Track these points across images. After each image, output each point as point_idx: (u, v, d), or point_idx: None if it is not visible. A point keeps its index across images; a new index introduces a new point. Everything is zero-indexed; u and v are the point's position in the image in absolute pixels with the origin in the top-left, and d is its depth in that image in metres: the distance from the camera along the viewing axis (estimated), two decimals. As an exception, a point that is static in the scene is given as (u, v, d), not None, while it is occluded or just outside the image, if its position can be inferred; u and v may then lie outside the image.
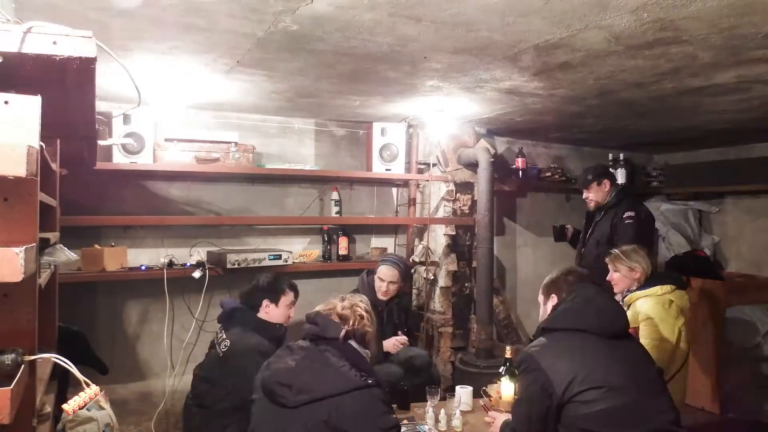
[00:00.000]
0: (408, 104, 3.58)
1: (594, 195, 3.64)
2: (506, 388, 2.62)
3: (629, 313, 2.62)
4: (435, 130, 4.13)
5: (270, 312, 2.83)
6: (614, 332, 1.94)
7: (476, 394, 2.83)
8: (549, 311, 2.14)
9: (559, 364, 1.84)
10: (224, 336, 2.78)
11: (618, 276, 2.84)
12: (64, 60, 1.14)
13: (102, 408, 1.99)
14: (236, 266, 3.48)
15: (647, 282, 2.77)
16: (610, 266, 2.88)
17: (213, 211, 3.82)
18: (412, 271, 4.43)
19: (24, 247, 1.01)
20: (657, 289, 2.71)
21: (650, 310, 2.67)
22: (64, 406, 1.25)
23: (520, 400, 1.96)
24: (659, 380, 1.98)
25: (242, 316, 2.80)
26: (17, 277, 1.00)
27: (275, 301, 2.83)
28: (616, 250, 2.91)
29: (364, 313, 2.07)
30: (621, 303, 2.66)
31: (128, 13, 2.01)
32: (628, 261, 2.80)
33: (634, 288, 2.79)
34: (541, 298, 2.25)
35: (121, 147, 3.30)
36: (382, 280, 3.47)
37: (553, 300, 2.15)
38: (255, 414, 2.00)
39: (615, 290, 2.86)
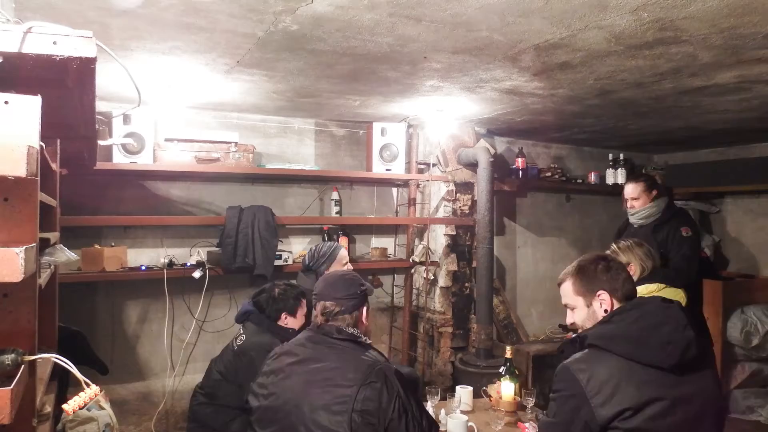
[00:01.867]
0: (408, 104, 3.58)
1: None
2: (506, 388, 2.62)
3: None
4: (435, 130, 4.13)
5: (288, 322, 2.91)
6: (681, 367, 1.58)
7: (476, 394, 2.82)
8: (599, 315, 1.73)
9: (606, 394, 1.54)
10: (242, 332, 2.88)
11: None
12: (64, 60, 1.14)
13: (102, 408, 1.99)
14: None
15: (640, 281, 2.72)
16: None
17: (213, 211, 3.82)
18: (412, 271, 4.43)
19: (24, 247, 1.01)
20: (642, 289, 2.64)
21: None
22: (64, 406, 1.24)
23: (552, 425, 1.66)
24: (716, 423, 1.67)
25: (257, 318, 2.88)
26: (17, 277, 1.00)
27: (293, 313, 2.91)
28: (615, 246, 2.86)
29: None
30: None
31: (128, 13, 2.01)
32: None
33: None
34: (579, 300, 1.78)
35: (121, 147, 3.31)
36: None
37: (604, 298, 1.73)
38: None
39: None
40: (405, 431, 1.68)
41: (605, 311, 1.73)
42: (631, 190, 3.31)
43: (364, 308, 2.00)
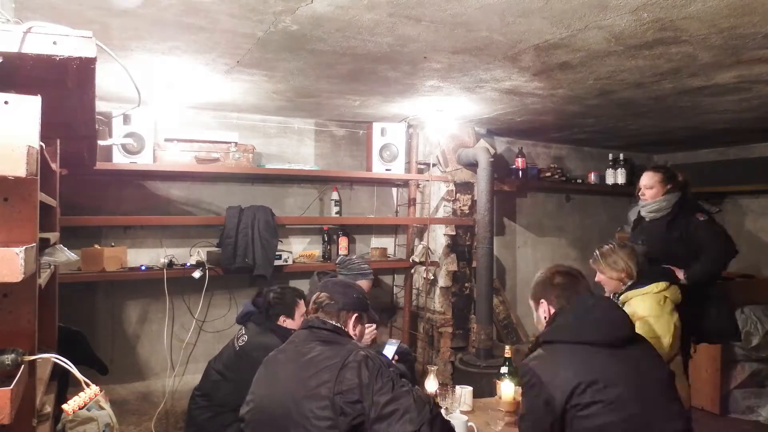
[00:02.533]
0: (408, 104, 3.58)
1: None
2: (506, 388, 2.61)
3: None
4: (435, 130, 4.13)
5: (287, 324, 2.93)
6: (618, 340, 1.86)
7: (476, 394, 2.82)
8: (542, 318, 2.09)
9: (560, 377, 1.77)
10: (243, 332, 2.89)
11: (603, 278, 2.80)
12: (64, 60, 1.14)
13: (102, 408, 1.99)
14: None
15: (640, 280, 2.73)
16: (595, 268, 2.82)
17: (213, 211, 3.82)
18: (412, 271, 4.43)
19: (24, 247, 1.01)
20: (653, 287, 2.67)
21: (646, 309, 2.64)
22: (64, 406, 1.24)
23: (525, 415, 1.89)
24: (668, 387, 1.89)
25: (258, 318, 2.90)
26: (17, 277, 1.00)
27: (291, 315, 2.93)
28: (596, 252, 2.85)
29: None
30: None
31: (128, 13, 2.01)
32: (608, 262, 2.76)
33: (623, 288, 2.75)
34: (531, 303, 2.19)
35: (121, 147, 3.31)
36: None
37: (543, 306, 2.08)
38: None
39: (606, 292, 2.80)
40: (395, 402, 1.68)
41: (545, 316, 2.06)
42: (647, 179, 3.22)
43: (355, 315, 2.02)
